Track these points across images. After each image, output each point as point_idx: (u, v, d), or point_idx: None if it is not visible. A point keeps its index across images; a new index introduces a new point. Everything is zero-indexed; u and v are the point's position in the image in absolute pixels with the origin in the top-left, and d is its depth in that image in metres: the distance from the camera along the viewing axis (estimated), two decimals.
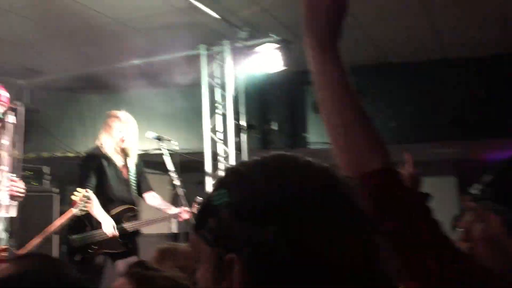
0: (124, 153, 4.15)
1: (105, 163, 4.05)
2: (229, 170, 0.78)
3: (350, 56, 1.30)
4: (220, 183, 0.73)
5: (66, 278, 1.00)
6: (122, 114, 4.14)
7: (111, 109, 6.90)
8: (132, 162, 4.22)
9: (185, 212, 4.19)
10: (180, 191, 4.14)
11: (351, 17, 4.59)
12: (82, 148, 6.95)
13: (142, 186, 4.41)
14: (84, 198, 3.65)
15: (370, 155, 0.88)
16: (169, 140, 4.34)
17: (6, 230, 2.85)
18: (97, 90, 6.91)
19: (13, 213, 2.72)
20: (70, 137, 6.98)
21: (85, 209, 3.65)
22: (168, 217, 4.34)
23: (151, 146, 6.47)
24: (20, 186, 2.90)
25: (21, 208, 3.73)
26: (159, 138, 4.26)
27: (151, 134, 4.25)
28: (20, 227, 3.44)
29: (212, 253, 0.67)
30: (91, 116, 6.92)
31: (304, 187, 0.66)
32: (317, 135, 6.47)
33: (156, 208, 4.51)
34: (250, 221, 0.64)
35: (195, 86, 5.97)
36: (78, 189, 3.72)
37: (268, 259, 0.62)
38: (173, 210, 4.24)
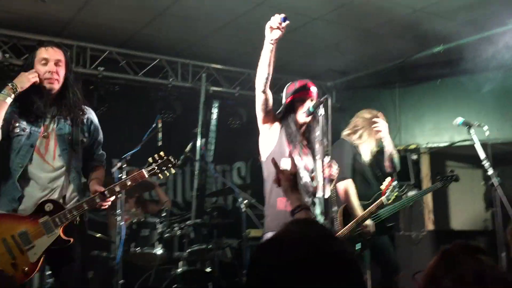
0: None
1: (358, 158, 4.17)
2: None
3: None
4: None
5: (331, 243, 1.04)
6: (375, 112, 4.34)
7: (414, 101, 6.83)
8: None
9: None
10: (496, 182, 3.69)
11: None
12: (396, 141, 7.06)
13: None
14: (390, 187, 3.67)
15: None
16: (479, 125, 3.92)
17: (322, 212, 3.09)
18: (398, 83, 6.90)
19: (327, 194, 2.93)
20: None
21: (392, 198, 3.68)
22: None
23: (458, 138, 6.09)
24: (333, 170, 3.10)
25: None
26: (467, 124, 3.90)
27: (458, 120, 3.94)
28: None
29: None
30: (394, 110, 6.96)
31: None
32: None
33: None
34: None
35: (506, 66, 5.30)
36: (387, 178, 3.79)
37: None
38: None
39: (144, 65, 6.28)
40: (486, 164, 3.77)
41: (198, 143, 5.75)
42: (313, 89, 3.35)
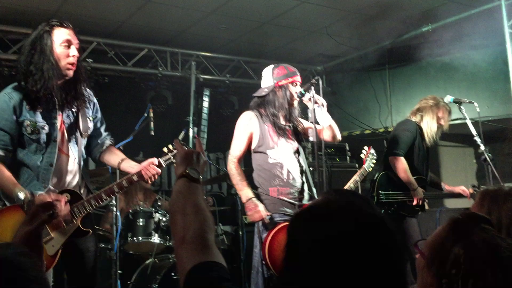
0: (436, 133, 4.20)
1: (419, 137, 4.18)
2: None
3: None
4: None
5: (361, 211, 1.00)
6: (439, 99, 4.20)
7: (404, 82, 6.85)
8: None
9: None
10: (488, 157, 3.74)
11: None
12: (378, 125, 7.09)
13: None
14: (369, 155, 3.70)
15: None
16: (471, 103, 3.95)
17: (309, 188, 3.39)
18: (388, 64, 6.91)
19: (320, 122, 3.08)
20: (366, 115, 7.20)
21: (372, 165, 3.71)
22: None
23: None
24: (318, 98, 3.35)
25: (328, 181, 4.06)
26: (458, 102, 3.94)
27: (448, 98, 3.97)
28: None
29: None
30: (385, 91, 6.98)
31: None
32: None
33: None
34: None
35: (495, 43, 5.32)
36: (365, 147, 3.82)
37: None
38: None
39: (132, 55, 6.23)
40: (478, 140, 3.81)
41: (191, 131, 5.74)
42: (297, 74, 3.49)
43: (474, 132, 3.80)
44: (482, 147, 3.78)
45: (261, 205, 3.21)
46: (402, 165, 4.00)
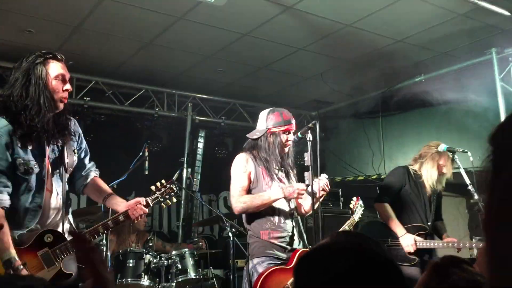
0: (438, 180, 4.12)
1: (411, 184, 4.13)
2: None
3: None
4: None
5: (367, 250, 1.01)
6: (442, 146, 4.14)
7: (397, 130, 6.94)
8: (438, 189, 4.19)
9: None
10: (482, 207, 3.74)
11: None
12: (371, 171, 7.13)
13: (438, 213, 4.35)
14: (357, 206, 3.71)
15: None
16: (464, 152, 3.99)
17: (300, 234, 3.39)
18: (382, 112, 7.02)
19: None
20: (359, 161, 7.25)
21: (360, 215, 3.70)
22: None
23: None
24: (322, 183, 3.34)
25: (322, 225, 4.04)
26: (451, 151, 3.99)
27: (442, 146, 4.02)
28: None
29: None
30: (378, 138, 7.06)
31: None
32: None
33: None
34: None
35: (488, 96, 5.43)
36: (354, 198, 3.81)
37: None
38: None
39: (130, 95, 6.30)
40: (471, 189, 3.82)
41: (185, 172, 5.73)
42: (293, 122, 3.47)
43: (467, 181, 3.82)
44: (476, 197, 3.80)
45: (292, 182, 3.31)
46: (384, 211, 4.00)
